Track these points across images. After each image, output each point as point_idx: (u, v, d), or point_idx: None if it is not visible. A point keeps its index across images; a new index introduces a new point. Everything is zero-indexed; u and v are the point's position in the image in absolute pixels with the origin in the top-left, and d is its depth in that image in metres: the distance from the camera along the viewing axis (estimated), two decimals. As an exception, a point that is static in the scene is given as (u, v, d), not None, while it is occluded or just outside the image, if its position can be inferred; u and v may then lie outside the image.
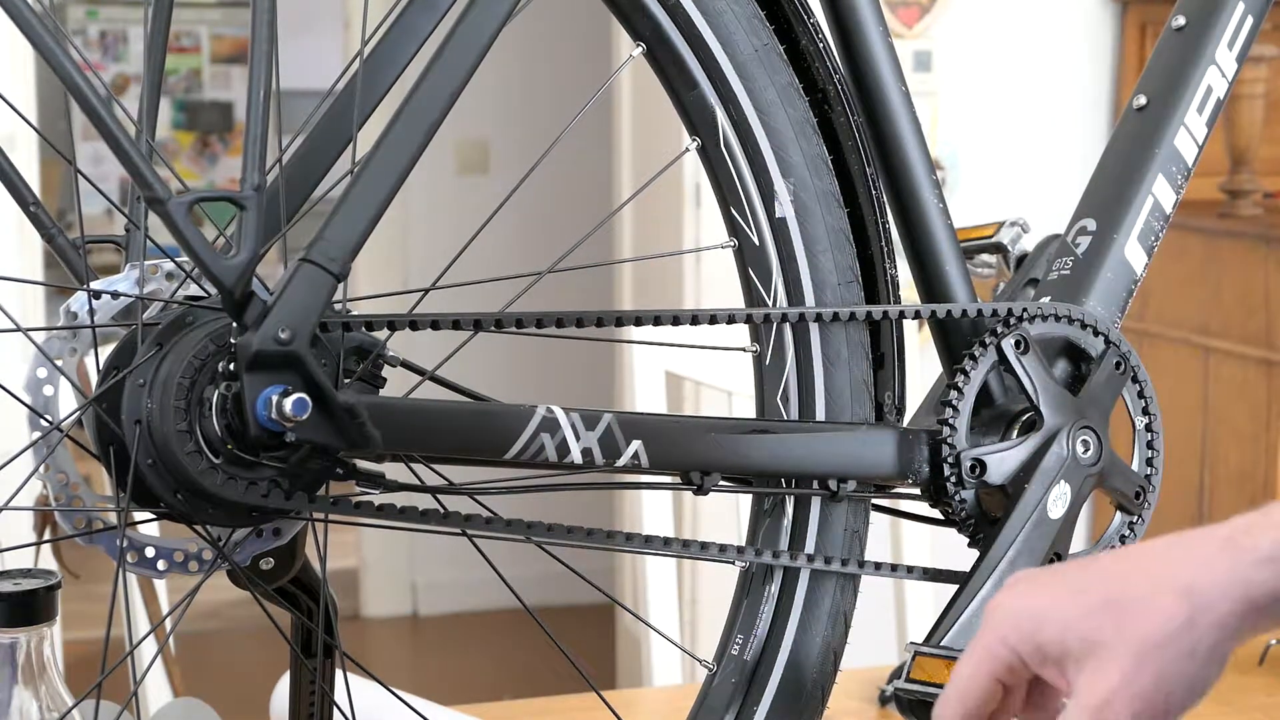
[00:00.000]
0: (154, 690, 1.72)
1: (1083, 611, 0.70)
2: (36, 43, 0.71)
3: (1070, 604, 0.70)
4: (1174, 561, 0.70)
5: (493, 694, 1.80)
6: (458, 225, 4.22)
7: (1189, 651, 0.68)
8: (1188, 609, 0.68)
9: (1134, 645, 0.68)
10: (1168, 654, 0.68)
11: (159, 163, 0.77)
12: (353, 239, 0.81)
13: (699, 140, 0.98)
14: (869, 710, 1.32)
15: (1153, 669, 0.68)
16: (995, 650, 0.72)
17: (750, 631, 0.99)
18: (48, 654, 0.88)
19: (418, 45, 0.90)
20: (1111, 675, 0.68)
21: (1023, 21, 3.37)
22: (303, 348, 0.78)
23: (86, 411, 0.82)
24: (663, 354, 1.84)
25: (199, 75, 7.69)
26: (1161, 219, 1.08)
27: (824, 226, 0.98)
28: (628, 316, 0.92)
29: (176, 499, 0.81)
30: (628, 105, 3.57)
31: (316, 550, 0.88)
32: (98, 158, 3.55)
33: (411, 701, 1.02)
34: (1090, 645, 0.69)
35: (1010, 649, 0.72)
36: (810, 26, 0.97)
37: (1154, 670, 0.68)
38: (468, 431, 0.85)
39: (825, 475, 0.98)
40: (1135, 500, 1.08)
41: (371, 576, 4.61)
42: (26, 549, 1.47)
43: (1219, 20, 1.09)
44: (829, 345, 0.99)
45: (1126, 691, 0.68)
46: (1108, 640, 0.69)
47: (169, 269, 0.86)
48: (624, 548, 0.93)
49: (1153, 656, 0.68)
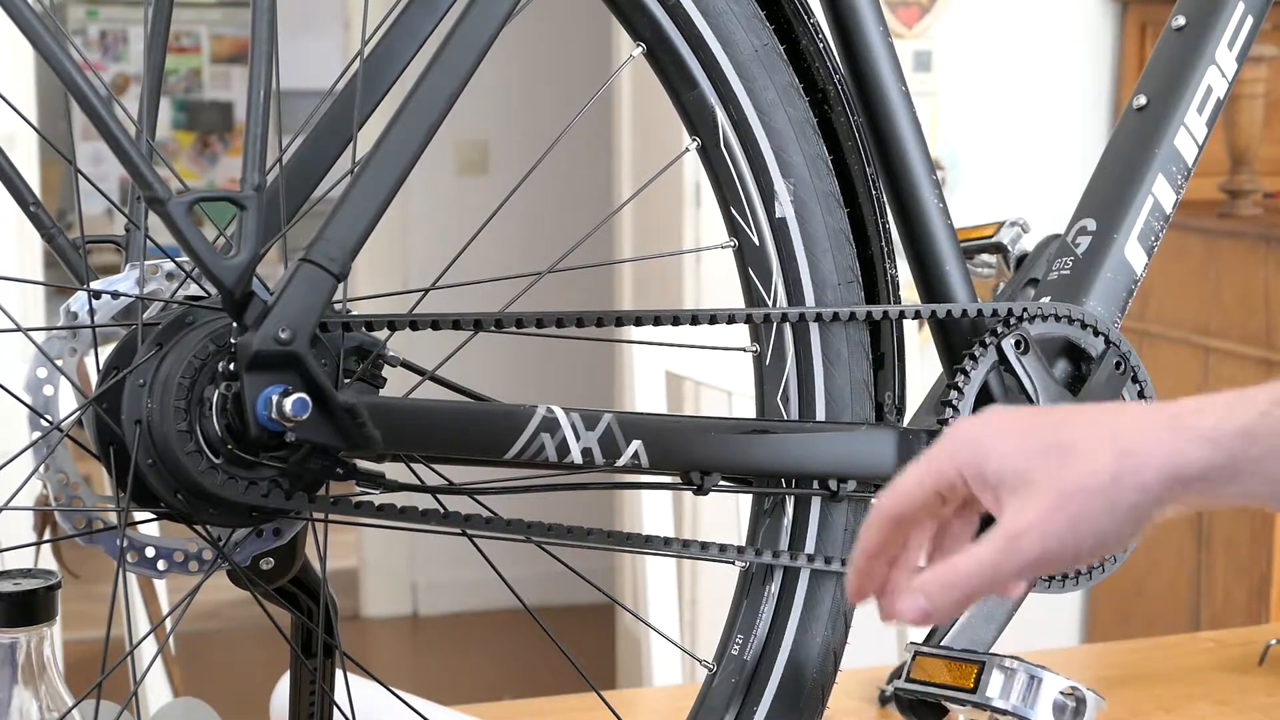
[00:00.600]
0: (154, 690, 1.72)
1: (1027, 450, 0.74)
2: (36, 43, 0.71)
3: (1019, 441, 0.75)
4: (1121, 425, 0.74)
5: (493, 694, 1.80)
6: (458, 225, 4.22)
7: (1108, 506, 0.72)
8: (1118, 467, 0.72)
9: (1060, 489, 0.73)
10: (1088, 504, 0.72)
11: (159, 163, 0.77)
12: (353, 239, 0.81)
13: (699, 140, 0.98)
14: (869, 710, 1.32)
15: (1070, 513, 0.73)
16: (944, 466, 0.77)
17: (750, 631, 0.99)
18: (48, 654, 0.88)
19: (418, 45, 0.90)
20: (1033, 511, 0.73)
21: (1023, 21, 3.37)
22: (303, 348, 0.78)
23: (86, 411, 0.82)
24: (663, 354, 1.84)
25: (199, 75, 7.69)
26: (1161, 219, 1.08)
27: (824, 226, 0.99)
28: (628, 316, 0.92)
29: (176, 499, 0.81)
30: (628, 105, 3.57)
31: (316, 550, 0.88)
32: (98, 158, 3.56)
33: (411, 701, 1.02)
34: (1024, 481, 0.74)
35: (957, 469, 0.77)
36: (810, 26, 0.98)
37: (1071, 514, 0.73)
38: (468, 431, 0.85)
39: (825, 475, 0.98)
40: (1135, 500, 1.07)
41: (371, 576, 4.61)
42: (26, 549, 1.47)
43: (1219, 20, 1.09)
44: (829, 345, 0.99)
45: (1042, 528, 0.73)
46: (1040, 480, 0.73)
47: (169, 269, 0.86)
48: (624, 548, 0.93)
49: (1074, 502, 0.73)
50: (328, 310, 0.81)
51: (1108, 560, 1.09)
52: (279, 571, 0.89)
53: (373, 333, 0.84)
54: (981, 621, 0.99)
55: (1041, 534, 0.73)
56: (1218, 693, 1.37)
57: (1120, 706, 1.33)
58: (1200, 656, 1.48)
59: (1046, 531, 0.73)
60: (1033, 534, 0.73)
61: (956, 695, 0.92)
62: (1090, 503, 0.73)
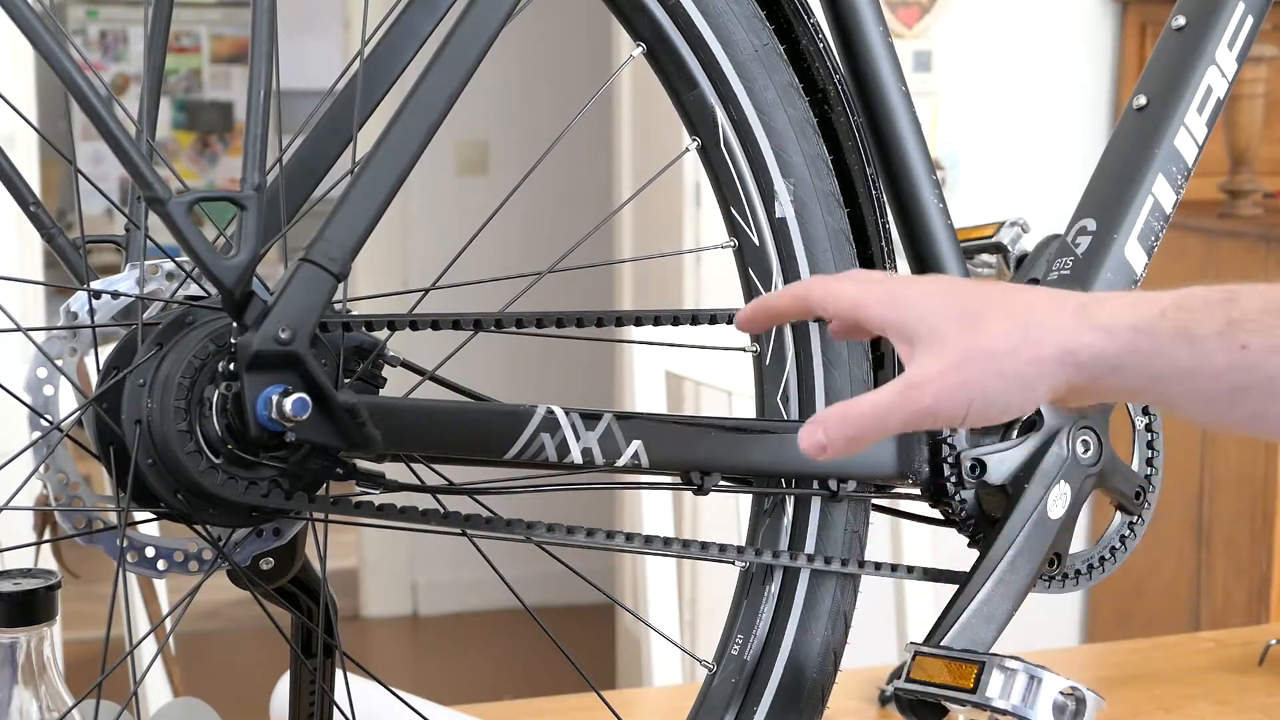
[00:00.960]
0: (154, 690, 1.72)
1: (944, 313, 0.80)
2: (36, 43, 0.71)
3: (940, 303, 0.80)
4: (1034, 305, 0.80)
5: (493, 694, 1.80)
6: (458, 225, 4.22)
7: (1001, 371, 0.78)
8: (1020, 339, 0.78)
9: (962, 349, 0.78)
10: (984, 367, 0.78)
11: (159, 163, 0.77)
12: (353, 239, 0.81)
13: (699, 140, 0.98)
14: (869, 710, 1.32)
15: (966, 373, 0.78)
16: (871, 305, 0.82)
17: (750, 631, 0.99)
18: (48, 654, 0.88)
19: (418, 45, 0.90)
20: (935, 366, 0.78)
21: (1023, 21, 3.37)
22: (303, 347, 0.78)
23: (86, 411, 0.82)
24: (663, 354, 1.84)
25: (199, 75, 7.69)
26: (1161, 219, 1.08)
27: (824, 226, 0.99)
28: (628, 316, 0.92)
29: (176, 499, 0.81)
30: (628, 105, 3.57)
31: (316, 550, 0.88)
32: (98, 158, 3.56)
33: (411, 701, 1.02)
34: (934, 338, 0.79)
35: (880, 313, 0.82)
36: (810, 26, 0.98)
37: (967, 374, 0.78)
38: (468, 431, 0.85)
39: (825, 475, 0.98)
40: (1135, 500, 1.08)
41: (371, 576, 4.61)
42: (26, 549, 1.47)
43: (1219, 20, 1.09)
44: (829, 345, 0.99)
45: (939, 382, 0.78)
46: (947, 340, 0.79)
47: (169, 269, 0.86)
48: (624, 548, 0.93)
49: (972, 364, 0.78)
50: (328, 310, 0.81)
51: (1108, 560, 1.09)
52: (279, 571, 0.89)
53: (373, 333, 0.84)
54: (981, 621, 0.99)
55: (938, 388, 0.78)
56: (1218, 693, 1.37)
57: (1120, 706, 1.33)
58: (1200, 656, 1.48)
59: (942, 386, 0.78)
60: (929, 386, 0.78)
61: (956, 695, 0.92)
62: (987, 366, 0.78)
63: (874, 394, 0.79)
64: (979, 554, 1.01)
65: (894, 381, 0.79)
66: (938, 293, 0.82)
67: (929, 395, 0.78)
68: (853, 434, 0.78)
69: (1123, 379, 0.77)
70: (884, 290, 0.82)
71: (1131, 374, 0.77)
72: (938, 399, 0.78)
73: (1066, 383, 0.78)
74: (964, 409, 0.78)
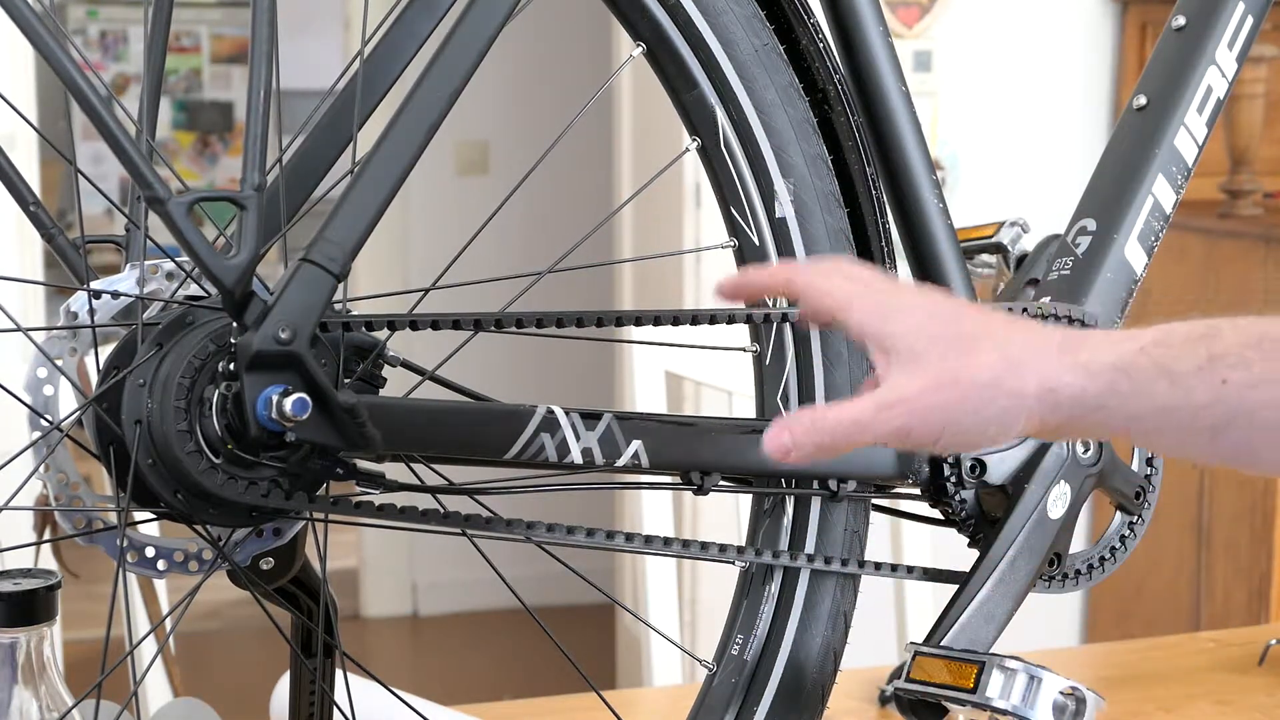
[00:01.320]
0: (154, 690, 1.72)
1: (928, 334, 0.78)
2: (36, 43, 0.71)
3: (925, 323, 0.79)
4: (1016, 336, 0.78)
5: (493, 694, 1.79)
6: (458, 225, 4.22)
7: (977, 405, 0.76)
8: (1001, 371, 0.76)
9: (943, 374, 0.77)
10: (961, 395, 0.76)
11: (159, 163, 0.77)
12: (353, 239, 0.81)
13: (699, 140, 0.98)
14: (869, 710, 1.32)
15: (943, 399, 0.76)
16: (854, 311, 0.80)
17: (750, 631, 0.99)
18: (48, 654, 0.88)
19: (418, 45, 0.90)
20: (912, 387, 0.77)
21: (1023, 21, 3.37)
22: (303, 347, 0.78)
23: (86, 411, 0.82)
24: (663, 354, 1.84)
25: (199, 75, 7.68)
26: (1161, 219, 1.08)
27: (824, 226, 0.99)
28: (628, 316, 0.92)
29: (176, 499, 0.81)
30: (628, 105, 3.57)
31: (316, 550, 0.88)
32: (98, 158, 3.55)
33: (411, 701, 1.02)
34: (914, 357, 0.77)
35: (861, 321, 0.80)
36: (810, 26, 0.97)
37: (944, 400, 0.76)
38: (468, 431, 0.85)
39: (825, 475, 0.98)
40: (1135, 500, 1.08)
41: (371, 576, 4.61)
42: (26, 549, 1.47)
43: (1219, 20, 1.09)
44: (829, 345, 0.99)
45: (912, 404, 0.76)
46: (928, 362, 0.77)
47: (169, 269, 0.86)
48: (624, 548, 0.93)
49: (949, 391, 0.76)
50: (328, 310, 0.81)
51: (1108, 560, 1.09)
52: (279, 571, 0.89)
53: (373, 333, 0.84)
54: (981, 621, 0.99)
55: (910, 410, 0.76)
56: (1218, 693, 1.37)
57: (1120, 706, 1.33)
58: (1200, 656, 1.48)
59: (914, 409, 0.76)
60: (902, 407, 0.76)
61: (956, 695, 0.92)
62: (964, 395, 0.76)
63: (848, 405, 0.77)
64: (979, 554, 1.01)
65: (869, 396, 0.78)
66: (924, 312, 0.80)
67: (900, 418, 0.76)
68: (821, 442, 0.77)
69: (1104, 417, 0.76)
70: (871, 300, 0.80)
71: (1113, 413, 0.76)
72: (909, 423, 0.76)
73: (1042, 420, 0.77)
74: (936, 434, 0.77)
